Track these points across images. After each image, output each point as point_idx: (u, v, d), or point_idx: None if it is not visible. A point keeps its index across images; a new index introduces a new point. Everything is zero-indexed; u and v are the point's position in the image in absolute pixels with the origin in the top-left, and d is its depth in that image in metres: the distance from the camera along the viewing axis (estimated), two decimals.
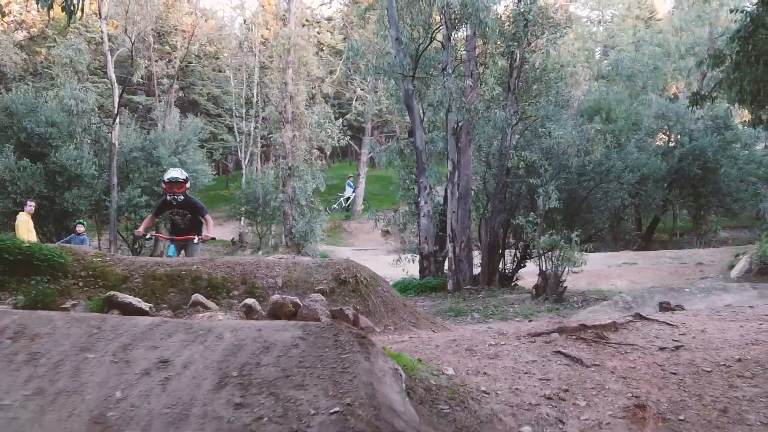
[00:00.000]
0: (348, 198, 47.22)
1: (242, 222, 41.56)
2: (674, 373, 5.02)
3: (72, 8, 8.17)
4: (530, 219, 19.70)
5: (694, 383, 4.87)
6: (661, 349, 5.55)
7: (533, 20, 20.78)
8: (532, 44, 21.60)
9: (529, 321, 10.87)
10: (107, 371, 3.86)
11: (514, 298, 18.95)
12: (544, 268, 18.39)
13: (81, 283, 7.63)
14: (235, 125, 43.57)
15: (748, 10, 14.13)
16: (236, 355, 3.99)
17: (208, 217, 11.02)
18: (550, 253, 18.34)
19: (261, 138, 45.21)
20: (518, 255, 22.04)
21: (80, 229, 21.11)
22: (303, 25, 42.71)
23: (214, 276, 7.73)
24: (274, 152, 43.20)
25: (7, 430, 3.42)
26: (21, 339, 4.13)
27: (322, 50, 46.91)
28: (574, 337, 5.54)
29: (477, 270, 21.39)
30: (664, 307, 10.47)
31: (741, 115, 32.48)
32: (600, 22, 60.54)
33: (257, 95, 43.55)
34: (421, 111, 22.56)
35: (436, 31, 21.68)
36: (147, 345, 4.13)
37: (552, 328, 5.81)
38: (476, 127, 21.33)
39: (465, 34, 21.55)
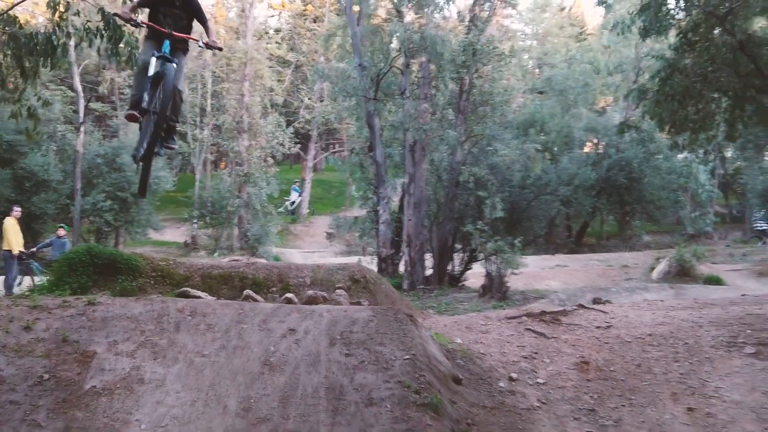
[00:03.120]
0: (294, 202, 48.89)
1: (195, 225, 42.99)
2: (606, 343, 7.46)
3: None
4: (478, 227, 22.02)
5: (619, 348, 7.30)
6: (597, 327, 7.97)
7: (481, 49, 23.28)
8: (480, 71, 24.11)
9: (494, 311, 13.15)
10: (259, 335, 6.17)
11: (463, 296, 21.20)
12: (489, 270, 20.81)
13: (152, 282, 9.76)
14: (189, 132, 45.11)
15: (667, 56, 16.86)
16: (335, 326, 6.33)
17: (209, 24, 8.85)
18: (494, 256, 20.72)
19: (213, 145, 46.56)
20: (466, 258, 24.48)
21: (61, 232, 22.82)
22: (258, 39, 44.45)
23: (257, 276, 9.99)
24: (229, 159, 44.59)
25: (213, 369, 5.70)
26: (197, 316, 6.39)
27: (271, 60, 48.61)
28: (538, 319, 7.97)
29: (429, 271, 23.85)
30: (596, 300, 12.97)
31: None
32: (535, 37, 63.06)
33: (209, 105, 45.04)
34: (380, 128, 24.83)
35: (395, 58, 24.01)
36: (277, 320, 6.44)
37: (522, 313, 8.27)
38: (430, 144, 23.67)
39: (420, 60, 23.88)
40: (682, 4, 16.24)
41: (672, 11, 16.19)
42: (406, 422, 5.04)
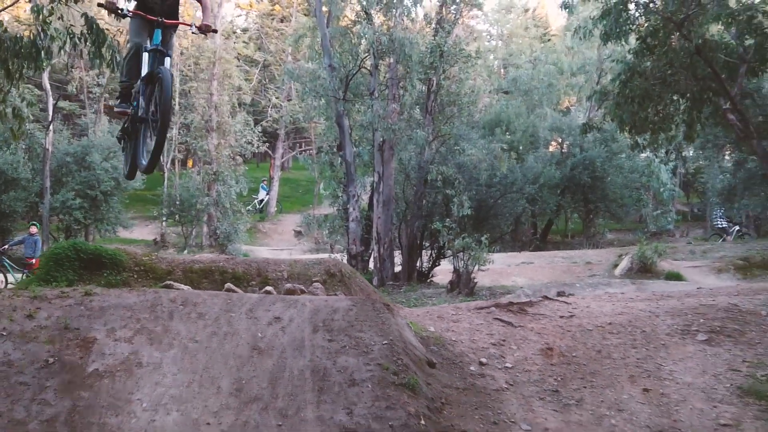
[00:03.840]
0: (262, 200, 49.19)
1: (164, 223, 43.10)
2: (569, 331, 7.99)
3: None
4: (446, 224, 22.56)
5: (581, 336, 7.83)
6: (561, 317, 8.50)
7: (448, 51, 23.84)
8: (447, 72, 24.67)
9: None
10: (247, 323, 6.61)
11: (431, 292, 21.72)
12: (457, 267, 21.36)
13: (136, 276, 10.14)
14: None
15: (627, 59, 17.54)
16: (318, 314, 6.79)
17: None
18: (462, 253, 21.26)
19: (181, 144, 46.66)
20: (434, 255, 25.01)
21: (33, 230, 23.15)
22: (226, 38, 44.65)
23: (236, 270, 10.42)
24: (197, 158, 44.74)
25: (206, 353, 6.14)
26: (188, 305, 6.82)
27: (239, 59, 48.81)
28: (506, 309, 8.48)
29: (398, 268, 24.37)
30: (560, 294, 13.56)
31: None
32: (500, 37, 63.83)
33: (177, 103, 45.19)
34: (349, 128, 25.32)
35: (364, 59, 24.51)
36: (263, 308, 6.89)
37: (490, 304, 8.78)
38: (399, 144, 24.19)
39: (389, 61, 24.39)
40: (641, 10, 16.88)
41: (632, 17, 16.82)
42: (385, 400, 5.49)
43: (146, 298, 6.67)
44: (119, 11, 7.23)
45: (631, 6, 16.68)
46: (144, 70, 7.25)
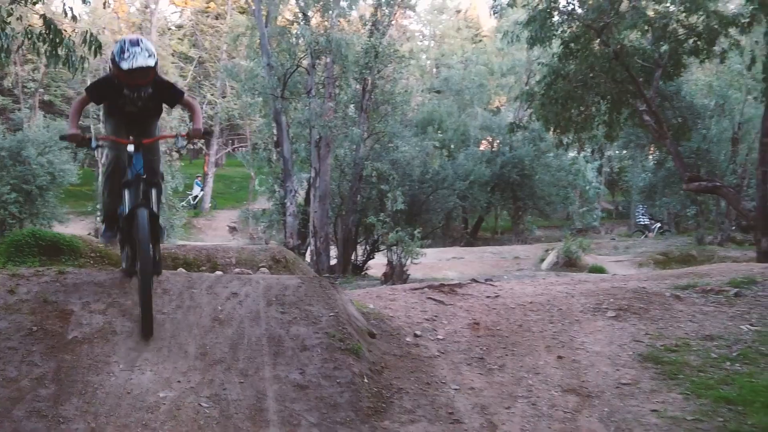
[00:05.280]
0: (196, 196, 49.44)
1: (98, 218, 42.92)
2: (494, 309, 8.86)
3: (75, 65, 11.34)
4: (381, 218, 23.38)
5: (505, 313, 8.71)
6: (487, 297, 9.37)
7: (383, 52, 24.70)
8: (381, 72, 25.53)
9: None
10: (207, 297, 7.34)
11: (366, 283, 22.36)
12: (391, 259, 22.20)
13: (92, 261, 10.77)
14: (91, 126, 45.01)
15: (552, 63, 18.69)
16: (271, 291, 7.55)
17: (190, 100, 6.77)
18: (396, 246, 22.11)
19: None
20: (368, 248, 25.87)
21: None
22: (161, 35, 44.84)
23: (187, 256, 11.12)
24: None
25: (172, 323, 6.85)
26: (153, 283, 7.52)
27: (174, 56, 48.97)
28: (437, 290, 9.35)
29: (334, 261, 25.18)
30: (488, 280, 14.47)
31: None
32: (433, 38, 64.76)
33: None
34: (286, 125, 25.97)
35: (302, 59, 25.20)
36: (221, 286, 7.63)
37: (424, 285, 9.66)
38: (335, 141, 24.96)
39: (326, 61, 25.13)
40: (564, 17, 17.99)
41: (556, 23, 17.90)
42: (333, 362, 6.30)
43: (115, 276, 7.33)
44: (85, 143, 6.04)
45: (555, 13, 17.78)
46: (125, 207, 6.17)
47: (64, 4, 10.86)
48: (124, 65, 5.69)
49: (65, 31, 10.84)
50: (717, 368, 6.79)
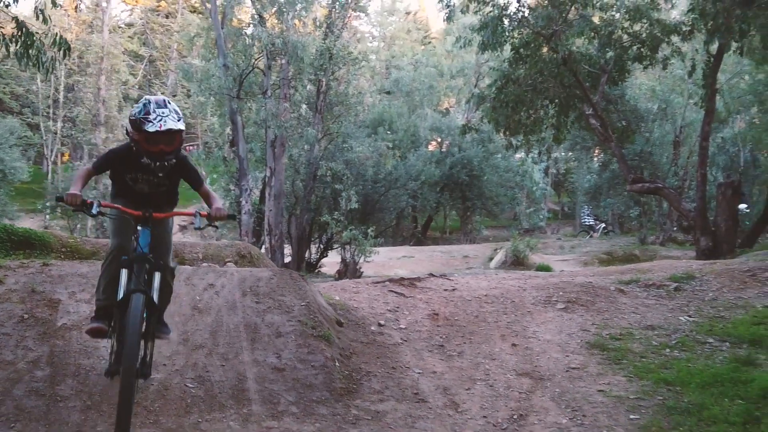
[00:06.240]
0: None
1: (47, 216, 42.65)
2: (452, 301, 9.43)
3: (45, 66, 11.62)
4: (335, 217, 23.87)
5: (462, 305, 9.28)
6: (445, 290, 9.93)
7: (337, 54, 25.18)
8: (336, 74, 26.03)
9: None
10: (186, 288, 7.79)
11: (319, 281, 22.70)
12: (344, 257, 22.74)
13: (63, 256, 11.06)
14: (41, 124, 44.73)
15: (503, 68, 19.37)
16: (245, 282, 8.02)
17: (210, 191, 5.83)
18: (349, 244, 22.65)
19: (66, 137, 46.26)
20: (322, 246, 26.34)
21: None
22: (111, 32, 44.74)
23: None
24: (83, 152, 44.56)
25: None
26: None
27: (125, 54, 48.82)
28: (398, 284, 9.90)
29: (288, 259, 25.60)
30: (444, 275, 15.06)
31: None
32: (383, 39, 65.24)
33: (62, 96, 44.86)
34: (242, 124, 26.30)
35: (257, 60, 25.58)
36: (198, 277, 8.08)
37: (385, 279, 10.22)
38: (290, 141, 25.37)
39: (281, 62, 25.53)
40: (515, 23, 18.64)
41: (507, 29, 18.54)
42: (307, 347, 6.80)
43: (97, 268, 7.74)
44: (85, 208, 5.02)
45: (506, 20, 18.42)
46: (120, 291, 5.08)
47: (35, 7, 11.03)
48: (150, 128, 4.97)
49: (38, 33, 11.13)
50: (657, 354, 7.43)
